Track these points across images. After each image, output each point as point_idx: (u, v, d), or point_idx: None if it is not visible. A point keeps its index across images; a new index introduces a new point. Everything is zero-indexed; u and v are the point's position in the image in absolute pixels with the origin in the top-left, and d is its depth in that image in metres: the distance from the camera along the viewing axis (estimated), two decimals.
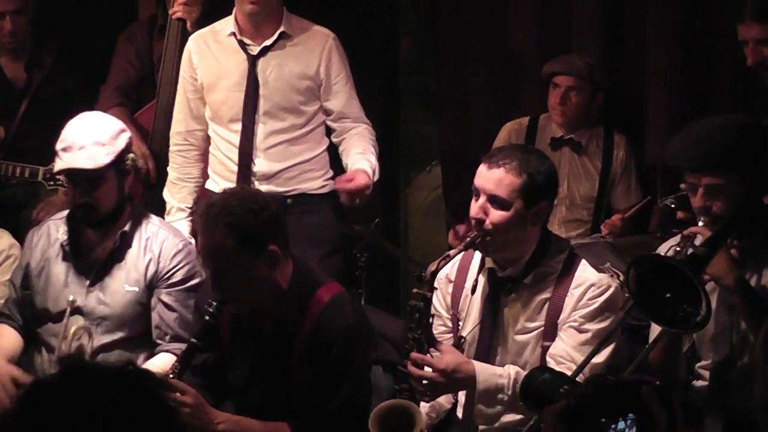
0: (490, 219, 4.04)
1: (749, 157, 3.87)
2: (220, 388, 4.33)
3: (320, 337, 4.11)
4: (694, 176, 3.88)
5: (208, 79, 5.22)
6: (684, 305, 3.61)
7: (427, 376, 3.93)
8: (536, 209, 4.05)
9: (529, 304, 4.12)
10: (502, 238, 4.05)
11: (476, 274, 4.22)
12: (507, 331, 4.15)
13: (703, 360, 4.01)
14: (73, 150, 4.56)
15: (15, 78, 5.98)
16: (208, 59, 5.23)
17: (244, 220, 4.04)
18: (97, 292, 4.66)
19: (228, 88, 5.20)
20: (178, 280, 4.68)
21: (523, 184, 4.01)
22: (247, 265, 4.07)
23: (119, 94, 5.78)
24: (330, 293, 4.19)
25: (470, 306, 4.23)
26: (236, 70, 5.19)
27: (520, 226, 4.05)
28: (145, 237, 4.72)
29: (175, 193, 5.30)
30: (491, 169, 4.06)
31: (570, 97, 5.65)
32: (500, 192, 4.02)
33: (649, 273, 3.64)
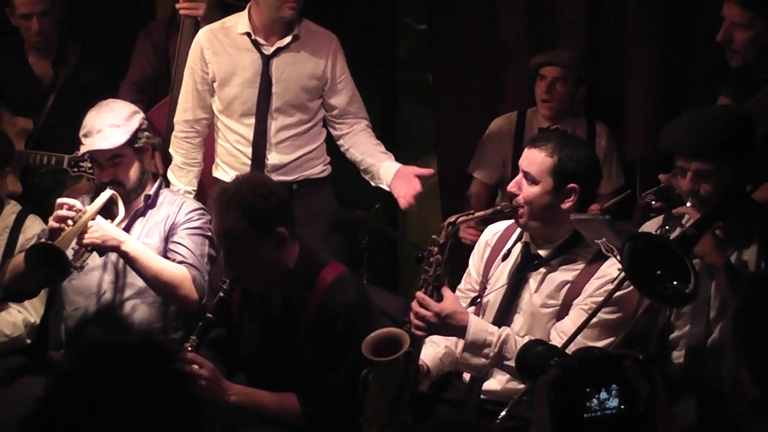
0: (522, 193, 4.12)
1: (738, 145, 3.86)
2: (232, 360, 4.34)
3: (325, 314, 4.12)
4: (685, 161, 3.86)
5: (222, 74, 5.18)
6: (673, 281, 3.60)
7: (423, 314, 3.96)
8: (566, 191, 4.08)
9: (552, 283, 4.13)
10: (532, 211, 4.10)
11: (513, 243, 4.27)
12: (525, 303, 4.16)
13: (677, 331, 3.99)
14: (92, 134, 4.68)
15: (43, 74, 5.95)
16: (221, 55, 5.19)
17: (254, 204, 4.08)
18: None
19: (242, 85, 5.16)
20: (191, 227, 4.75)
21: (553, 165, 4.08)
22: (257, 246, 4.11)
23: (136, 90, 5.76)
24: (334, 273, 4.21)
25: (499, 272, 4.26)
26: (250, 67, 5.15)
27: (550, 205, 4.10)
28: (168, 200, 4.82)
29: (181, 177, 5.27)
30: (530, 149, 4.18)
31: (556, 87, 5.62)
32: (532, 169, 4.12)
33: (643, 250, 3.63)
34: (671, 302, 3.74)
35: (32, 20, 5.80)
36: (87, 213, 4.54)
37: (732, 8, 4.44)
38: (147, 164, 4.80)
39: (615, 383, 2.44)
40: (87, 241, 4.52)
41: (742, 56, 4.46)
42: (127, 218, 4.74)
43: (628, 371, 2.44)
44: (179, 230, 4.74)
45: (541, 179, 4.10)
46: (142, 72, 5.87)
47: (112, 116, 4.70)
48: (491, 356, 3.97)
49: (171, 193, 4.91)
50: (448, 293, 4.03)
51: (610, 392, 2.43)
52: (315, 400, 4.11)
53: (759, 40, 4.41)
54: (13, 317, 4.96)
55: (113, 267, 4.77)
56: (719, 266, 3.81)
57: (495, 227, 4.43)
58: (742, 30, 4.42)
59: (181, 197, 4.92)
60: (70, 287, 4.79)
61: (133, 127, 4.70)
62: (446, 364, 4.25)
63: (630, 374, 2.43)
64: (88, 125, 4.70)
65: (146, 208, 4.80)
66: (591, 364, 2.51)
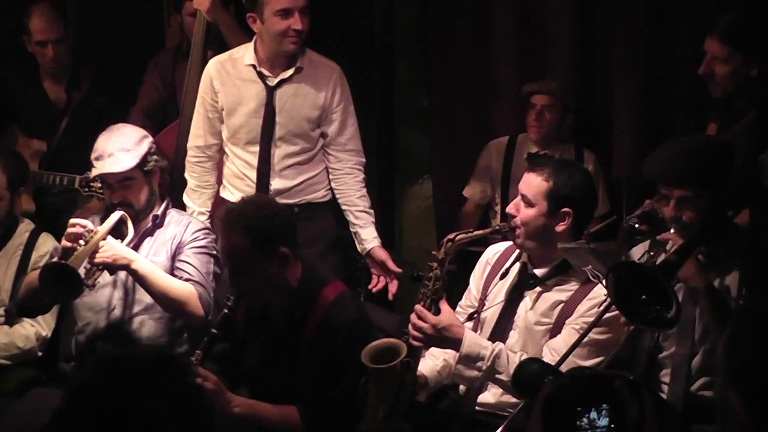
0: (520, 215, 4.14)
1: (718, 174, 3.89)
2: (235, 373, 4.35)
3: (326, 331, 4.13)
4: (668, 189, 3.90)
5: (229, 104, 5.19)
6: (657, 306, 3.62)
7: (420, 325, 3.98)
8: (560, 214, 4.11)
9: (546, 302, 4.14)
10: (527, 232, 4.12)
11: (512, 263, 4.29)
12: (521, 320, 4.17)
13: (665, 351, 4.01)
14: (104, 158, 4.69)
15: (56, 99, 5.97)
16: (228, 86, 5.19)
17: (258, 224, 4.09)
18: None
19: (247, 114, 5.16)
20: (197, 246, 4.75)
21: (548, 189, 4.11)
22: (261, 265, 4.11)
23: (145, 116, 5.78)
24: (335, 291, 4.22)
25: (497, 289, 4.27)
26: (255, 98, 5.16)
27: (545, 227, 4.13)
28: (175, 220, 4.82)
29: (195, 199, 5.26)
30: (528, 173, 4.21)
31: (544, 114, 5.65)
32: (529, 192, 4.15)
33: (627, 277, 3.65)
34: (654, 326, 3.75)
35: (47, 47, 5.82)
36: (98, 233, 4.54)
37: (713, 43, 4.48)
38: (155, 186, 4.80)
39: (605, 402, 2.43)
40: (98, 260, 4.53)
41: (722, 87, 4.49)
42: (136, 238, 4.74)
43: (619, 391, 2.43)
44: (185, 249, 4.73)
45: (537, 202, 4.12)
46: (150, 99, 5.90)
47: (122, 140, 4.72)
48: (484, 369, 3.97)
49: (178, 214, 4.91)
50: (445, 307, 4.05)
51: (600, 411, 2.42)
52: (315, 413, 4.11)
53: (738, 73, 4.44)
54: (25, 330, 4.95)
55: (122, 284, 4.77)
56: (701, 290, 3.83)
57: (495, 247, 4.45)
58: (722, 63, 4.45)
59: (188, 217, 4.93)
60: (81, 303, 4.79)
61: (143, 151, 4.71)
62: (444, 376, 4.26)
63: (620, 394, 2.43)
64: (100, 149, 4.71)
65: (154, 227, 4.80)
66: (582, 384, 2.52)
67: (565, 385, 2.52)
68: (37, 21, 5.79)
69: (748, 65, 4.41)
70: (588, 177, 4.31)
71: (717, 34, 4.47)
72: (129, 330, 4.74)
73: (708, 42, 4.50)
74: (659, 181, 3.97)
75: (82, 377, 2.20)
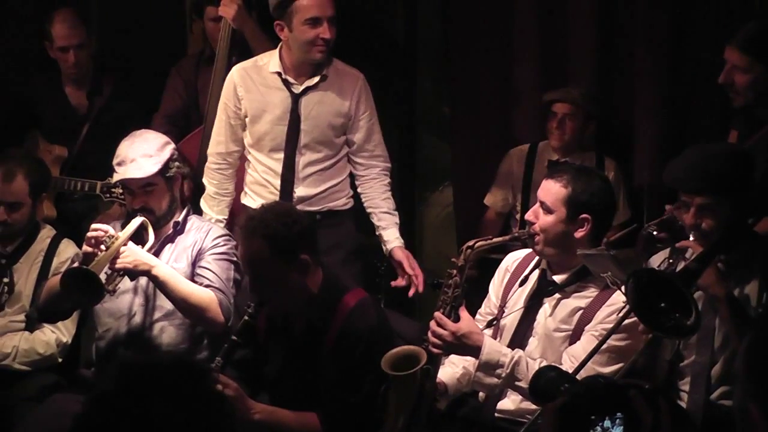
0: (539, 222, 4.16)
1: (738, 182, 3.89)
2: (256, 380, 4.36)
3: (347, 338, 4.14)
4: (688, 196, 3.89)
5: (253, 111, 5.19)
6: (676, 313, 3.63)
7: (440, 333, 4.01)
8: (579, 221, 4.13)
9: (565, 309, 4.16)
10: (547, 239, 4.15)
11: (531, 270, 4.31)
12: (540, 327, 4.19)
13: (686, 359, 4.01)
14: (126, 163, 4.71)
15: (78, 105, 6.00)
16: (253, 92, 5.20)
17: (278, 232, 4.10)
18: None
19: (272, 122, 5.17)
20: (217, 252, 4.76)
21: (567, 196, 4.14)
22: (282, 272, 4.12)
23: (168, 122, 5.80)
24: (356, 298, 4.23)
25: (517, 296, 4.29)
26: (280, 105, 5.17)
27: (564, 233, 4.15)
28: (195, 227, 4.84)
29: (213, 206, 5.27)
30: (547, 180, 4.22)
31: (566, 122, 5.64)
32: (547, 199, 4.17)
33: (646, 284, 3.66)
34: (673, 334, 3.76)
35: (69, 53, 5.85)
36: (119, 239, 4.55)
37: (733, 53, 4.46)
38: (176, 192, 4.82)
39: (620, 412, 2.40)
40: (119, 265, 4.54)
41: (743, 97, 4.48)
42: (157, 244, 4.76)
43: (634, 400, 2.40)
44: (206, 255, 4.75)
45: (556, 209, 4.14)
46: (173, 105, 5.92)
47: (145, 146, 4.73)
48: (503, 376, 3.99)
49: (198, 220, 4.92)
50: (464, 314, 4.07)
51: (614, 421, 2.39)
52: (335, 420, 4.12)
53: (758, 83, 4.44)
54: (46, 337, 5.01)
55: (143, 290, 4.78)
56: (721, 298, 3.82)
57: (515, 254, 4.46)
58: (743, 73, 4.44)
59: (209, 224, 4.94)
60: (101, 309, 4.80)
61: (165, 157, 4.73)
62: (464, 384, 4.27)
63: (635, 403, 2.39)
64: (122, 154, 4.72)
65: (175, 234, 4.82)
66: (597, 392, 2.50)
67: (579, 393, 2.53)
68: (59, 27, 5.83)
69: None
70: (607, 184, 4.33)
71: (736, 43, 4.46)
72: (149, 336, 4.75)
73: (728, 51, 4.49)
74: (679, 187, 3.97)
75: (103, 384, 2.20)
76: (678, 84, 5.51)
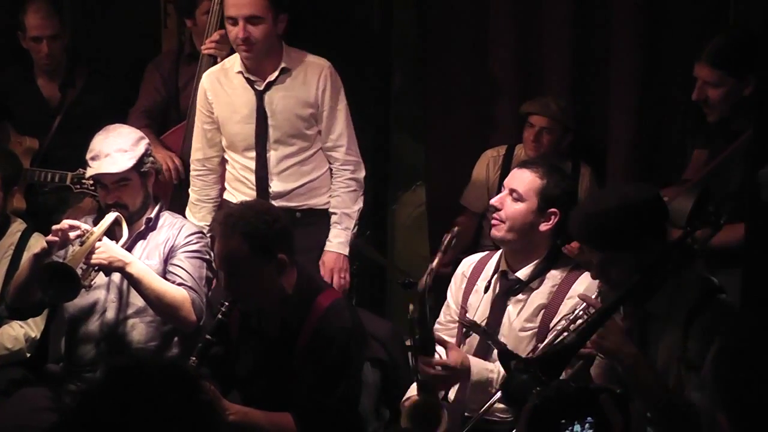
0: (505, 209, 4.28)
1: (639, 232, 3.71)
2: (227, 378, 4.40)
3: (320, 338, 4.17)
4: (589, 250, 3.79)
5: (223, 114, 5.26)
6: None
7: (440, 374, 4.12)
8: (547, 214, 4.26)
9: (530, 307, 4.27)
10: (512, 226, 4.27)
11: (491, 275, 4.39)
12: (506, 329, 4.28)
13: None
14: (100, 158, 4.71)
15: (50, 96, 6.02)
16: (221, 96, 5.26)
17: (257, 229, 4.14)
18: None
19: (241, 122, 5.23)
20: (189, 250, 4.79)
21: (541, 186, 4.27)
22: (258, 270, 4.16)
23: (146, 117, 5.82)
24: (330, 299, 4.27)
25: (481, 302, 4.38)
26: (246, 104, 5.22)
27: (531, 224, 4.28)
28: (168, 223, 4.86)
29: (195, 212, 5.34)
30: (521, 169, 4.34)
31: (543, 135, 5.66)
32: (520, 187, 4.29)
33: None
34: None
35: (42, 43, 5.87)
36: (94, 233, 4.56)
37: (703, 69, 4.51)
38: (150, 188, 4.83)
39: (590, 416, 2.48)
40: (95, 261, 4.54)
41: (718, 111, 4.53)
42: (129, 240, 4.77)
43: (604, 404, 2.47)
44: (178, 253, 4.76)
45: (528, 198, 4.27)
46: (151, 100, 5.93)
47: (120, 141, 4.74)
48: (493, 392, 4.09)
49: (171, 216, 4.92)
50: (450, 344, 4.17)
51: (584, 425, 2.48)
52: (310, 421, 4.15)
53: (731, 95, 4.49)
54: (15, 332, 5.02)
55: (116, 287, 4.80)
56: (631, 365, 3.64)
57: (470, 259, 4.55)
58: (714, 88, 4.49)
59: (181, 220, 4.94)
60: (71, 305, 4.79)
61: (140, 153, 4.74)
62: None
63: (605, 407, 2.46)
64: (96, 149, 4.73)
65: (147, 230, 4.83)
66: (568, 396, 2.56)
67: (549, 397, 2.63)
68: (32, 17, 5.84)
69: (741, 85, 4.47)
70: (575, 185, 4.44)
71: (706, 59, 4.50)
72: (120, 333, 4.77)
73: (697, 68, 4.53)
74: (579, 241, 3.93)
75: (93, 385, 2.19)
76: (651, 91, 5.58)
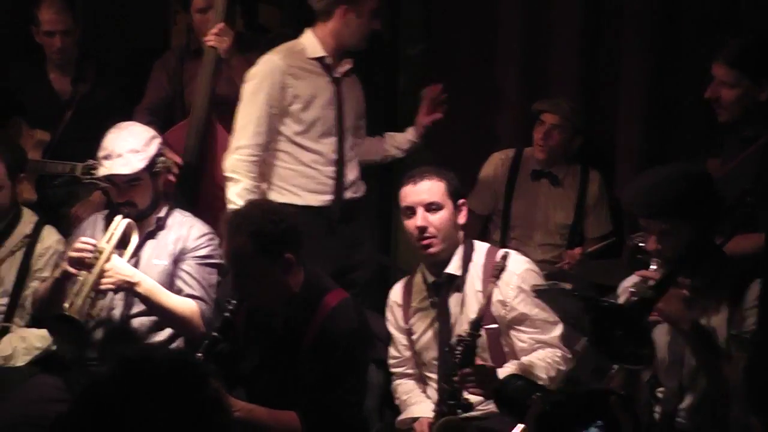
0: (434, 224, 4.38)
1: (695, 204, 3.80)
2: (232, 375, 4.40)
3: (326, 338, 4.18)
4: (647, 221, 3.85)
5: (305, 98, 5.19)
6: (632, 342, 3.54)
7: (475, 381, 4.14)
8: (459, 206, 4.43)
9: (467, 297, 4.39)
10: (444, 236, 4.40)
11: (425, 291, 4.53)
12: (455, 325, 4.40)
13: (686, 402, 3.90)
14: (112, 158, 4.72)
15: (61, 90, 6.04)
16: (302, 79, 5.20)
17: (264, 229, 4.15)
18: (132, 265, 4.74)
19: (322, 106, 5.21)
20: (200, 255, 4.79)
21: (447, 187, 4.41)
22: (264, 270, 4.17)
23: (150, 113, 5.82)
24: (336, 299, 4.28)
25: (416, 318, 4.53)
26: (327, 89, 5.23)
27: (454, 224, 4.43)
28: (178, 222, 4.86)
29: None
30: (418, 183, 4.43)
31: (553, 133, 5.70)
32: (435, 198, 4.43)
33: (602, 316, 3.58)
34: (631, 363, 3.67)
35: (55, 37, 5.90)
36: (103, 254, 4.57)
37: (720, 68, 4.50)
38: (160, 187, 4.83)
39: (600, 419, 2.48)
40: (104, 286, 4.59)
41: (729, 112, 4.52)
42: (140, 239, 4.78)
43: (615, 407, 2.49)
44: (188, 258, 4.77)
45: (444, 203, 4.39)
46: (156, 97, 5.94)
47: (132, 141, 4.74)
48: None
49: (181, 215, 4.90)
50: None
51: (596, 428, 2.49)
52: (314, 420, 4.16)
53: (745, 99, 4.48)
54: (41, 331, 5.05)
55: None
56: (686, 329, 3.74)
57: (395, 289, 4.69)
58: (729, 88, 4.48)
59: (191, 219, 4.90)
60: None
61: (152, 153, 4.74)
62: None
63: (616, 410, 2.47)
64: (109, 148, 4.73)
65: (157, 229, 4.83)
66: (578, 400, 2.59)
67: (560, 402, 2.65)
68: (46, 11, 5.87)
69: (756, 90, 4.46)
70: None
71: (723, 58, 4.49)
72: (127, 329, 4.78)
73: (715, 67, 4.52)
74: (637, 213, 3.94)
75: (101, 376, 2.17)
76: (662, 95, 5.58)
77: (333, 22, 5.22)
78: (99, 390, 2.13)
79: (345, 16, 5.19)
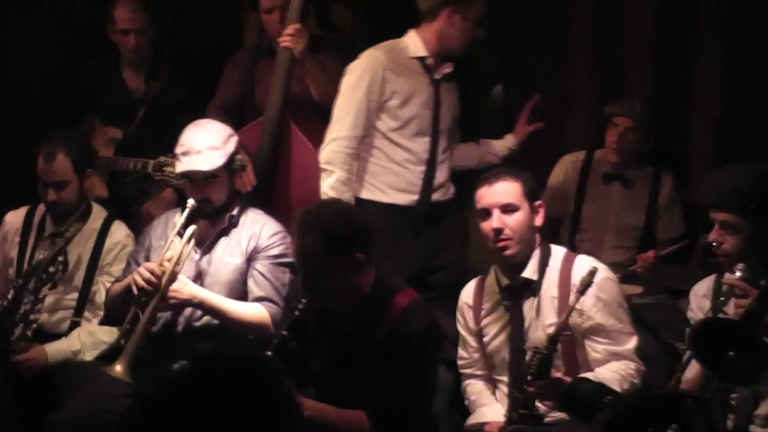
0: (509, 225, 4.33)
1: (762, 202, 3.84)
2: (302, 374, 4.38)
3: (396, 338, 4.16)
4: (713, 211, 3.90)
5: (404, 94, 5.23)
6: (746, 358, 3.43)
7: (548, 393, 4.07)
8: (536, 208, 4.37)
9: (543, 303, 4.34)
10: (520, 238, 4.35)
11: (498, 293, 4.48)
12: (533, 332, 4.35)
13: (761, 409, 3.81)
14: (191, 154, 4.75)
15: (135, 88, 6.10)
16: (402, 76, 5.24)
17: (335, 229, 4.13)
18: (204, 263, 4.81)
19: (419, 105, 5.24)
20: (273, 255, 4.80)
21: (522, 188, 4.35)
22: (335, 270, 4.16)
23: (222, 112, 5.81)
24: (407, 299, 4.25)
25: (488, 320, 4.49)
26: (425, 89, 5.26)
27: (531, 226, 4.37)
28: (250, 220, 4.87)
29: (345, 192, 5.14)
30: (492, 185, 4.37)
31: (626, 136, 5.67)
32: (511, 199, 4.37)
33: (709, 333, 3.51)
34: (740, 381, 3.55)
35: (130, 36, 5.96)
36: (165, 275, 4.60)
37: None
38: (236, 185, 4.87)
39: (674, 422, 2.56)
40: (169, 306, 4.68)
41: None
42: (212, 236, 4.83)
43: (689, 411, 2.54)
44: (261, 257, 4.78)
45: (520, 204, 4.33)
46: (228, 95, 5.95)
47: (211, 138, 4.77)
48: None
49: (254, 213, 4.92)
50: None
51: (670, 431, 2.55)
52: (383, 420, 4.15)
53: None
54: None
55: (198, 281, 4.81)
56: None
57: (466, 290, 4.63)
58: None
59: (263, 217, 4.91)
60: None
61: (230, 150, 4.78)
62: None
63: (690, 414, 2.53)
64: (187, 144, 4.75)
65: (230, 227, 4.85)
66: (653, 404, 2.64)
67: (635, 405, 2.64)
68: (121, 10, 5.94)
69: None
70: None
71: None
72: (198, 325, 4.81)
73: None
74: (705, 201, 4.00)
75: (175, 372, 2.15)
76: (736, 97, 5.55)
77: (438, 23, 5.23)
78: (173, 386, 2.13)
79: (451, 17, 5.20)
